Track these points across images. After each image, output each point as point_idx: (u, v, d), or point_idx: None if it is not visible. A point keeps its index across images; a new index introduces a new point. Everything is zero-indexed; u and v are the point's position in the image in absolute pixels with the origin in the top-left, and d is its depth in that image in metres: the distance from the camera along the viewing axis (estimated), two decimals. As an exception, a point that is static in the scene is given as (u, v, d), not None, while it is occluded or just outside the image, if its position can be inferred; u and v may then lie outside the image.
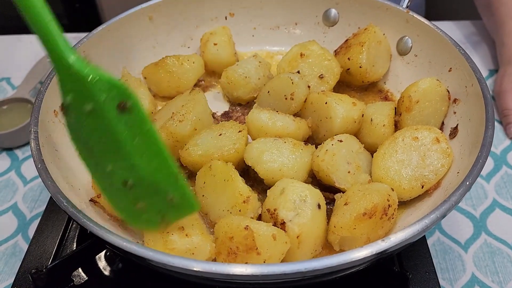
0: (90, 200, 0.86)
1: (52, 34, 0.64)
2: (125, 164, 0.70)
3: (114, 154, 0.69)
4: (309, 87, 0.98)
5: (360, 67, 1.04)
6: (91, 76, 0.64)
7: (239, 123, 0.96)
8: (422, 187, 0.83)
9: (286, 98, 0.96)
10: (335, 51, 1.13)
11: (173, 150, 0.93)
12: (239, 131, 0.91)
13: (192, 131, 0.94)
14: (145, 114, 0.68)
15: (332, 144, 0.86)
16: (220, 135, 0.90)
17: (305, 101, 0.97)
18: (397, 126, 0.96)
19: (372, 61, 1.06)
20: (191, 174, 0.95)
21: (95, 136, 0.69)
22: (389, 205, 0.77)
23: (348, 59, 1.05)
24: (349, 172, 0.84)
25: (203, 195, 0.85)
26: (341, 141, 0.87)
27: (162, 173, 0.71)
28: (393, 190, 0.80)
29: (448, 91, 0.96)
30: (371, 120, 0.94)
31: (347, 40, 1.12)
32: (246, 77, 1.07)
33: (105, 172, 0.71)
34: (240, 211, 0.80)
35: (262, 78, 1.09)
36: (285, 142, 0.88)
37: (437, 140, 0.85)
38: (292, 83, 0.96)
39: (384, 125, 0.94)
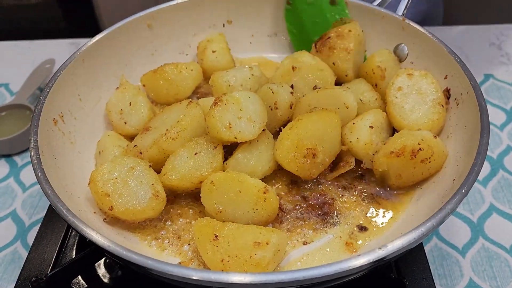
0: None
1: None
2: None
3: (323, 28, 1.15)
4: (292, 93, 0.97)
5: (346, 75, 1.06)
6: None
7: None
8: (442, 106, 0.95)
9: (271, 109, 0.96)
10: (314, 44, 1.10)
11: (163, 165, 0.91)
12: (214, 147, 0.89)
13: None
14: (345, 5, 1.16)
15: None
16: (195, 154, 0.89)
17: (291, 107, 0.96)
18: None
19: (356, 66, 1.08)
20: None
21: (311, 18, 1.18)
22: (420, 148, 0.85)
23: (333, 64, 1.05)
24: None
25: (219, 212, 0.84)
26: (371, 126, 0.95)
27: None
28: (435, 137, 0.89)
29: (449, 90, 0.99)
30: (361, 100, 1.00)
31: (329, 37, 1.07)
32: (229, 85, 1.05)
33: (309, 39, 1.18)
34: (265, 200, 0.83)
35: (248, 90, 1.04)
36: (257, 141, 0.91)
37: (410, 75, 0.99)
38: (272, 92, 0.95)
39: (376, 99, 1.01)
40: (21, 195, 1.15)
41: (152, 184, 0.87)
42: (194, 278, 0.62)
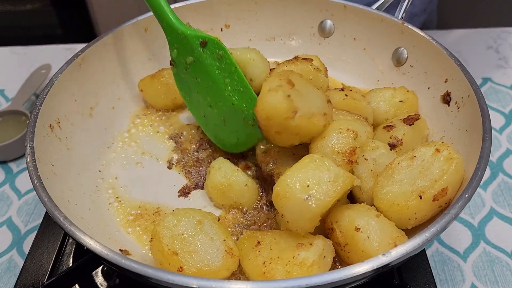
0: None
1: (163, 7, 0.95)
2: (221, 98, 0.95)
3: (212, 92, 0.95)
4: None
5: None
6: (189, 32, 0.93)
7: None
8: (420, 197, 0.74)
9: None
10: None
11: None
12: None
13: None
14: (233, 59, 0.93)
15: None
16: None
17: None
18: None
19: None
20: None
21: (197, 81, 0.96)
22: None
23: (390, 137, 0.92)
24: None
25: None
26: None
27: (247, 100, 0.92)
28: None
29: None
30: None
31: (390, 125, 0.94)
32: None
33: (206, 110, 0.98)
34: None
35: None
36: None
37: (437, 150, 0.79)
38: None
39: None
40: (16, 202, 1.14)
41: (224, 240, 0.78)
42: (194, 286, 0.61)
